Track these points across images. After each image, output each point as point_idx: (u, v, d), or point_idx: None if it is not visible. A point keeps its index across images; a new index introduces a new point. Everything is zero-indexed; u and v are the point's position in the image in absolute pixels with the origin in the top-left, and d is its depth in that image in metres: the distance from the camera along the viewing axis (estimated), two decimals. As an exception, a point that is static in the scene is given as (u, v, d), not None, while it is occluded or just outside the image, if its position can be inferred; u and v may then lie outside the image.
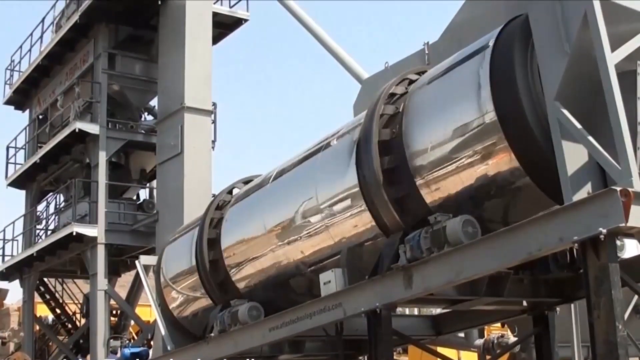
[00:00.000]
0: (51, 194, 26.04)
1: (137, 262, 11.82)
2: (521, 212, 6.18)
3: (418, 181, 6.70)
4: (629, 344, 6.08)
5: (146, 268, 11.68)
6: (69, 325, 26.10)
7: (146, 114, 24.14)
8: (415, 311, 16.00)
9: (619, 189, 4.93)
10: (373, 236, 7.30)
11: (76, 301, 26.52)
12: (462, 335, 12.41)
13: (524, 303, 7.74)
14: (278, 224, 8.44)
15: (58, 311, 26.27)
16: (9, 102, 26.98)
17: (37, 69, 24.64)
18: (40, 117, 25.61)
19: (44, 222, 26.00)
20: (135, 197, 23.98)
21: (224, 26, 21.93)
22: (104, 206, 20.78)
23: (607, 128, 5.33)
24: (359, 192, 7.19)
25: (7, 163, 25.83)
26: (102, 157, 20.97)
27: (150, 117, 23.90)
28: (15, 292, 59.29)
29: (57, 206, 25.43)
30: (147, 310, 21.90)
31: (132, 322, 24.51)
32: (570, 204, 5.33)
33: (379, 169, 6.90)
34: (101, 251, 20.61)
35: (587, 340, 5.37)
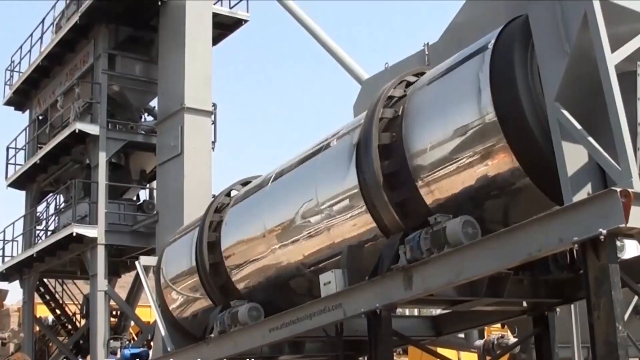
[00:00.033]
0: (51, 194, 26.03)
1: (137, 262, 11.82)
2: (521, 212, 6.18)
3: (418, 182, 6.70)
4: (629, 344, 6.07)
5: (146, 269, 11.68)
6: (69, 326, 26.09)
7: (146, 114, 24.14)
8: (415, 312, 16.05)
9: (619, 189, 4.93)
10: (373, 237, 7.30)
11: (76, 302, 26.50)
12: (462, 336, 12.40)
13: (524, 304, 7.73)
14: (278, 225, 8.44)
15: (58, 312, 26.25)
16: (9, 102, 26.98)
17: (37, 69, 24.64)
18: (40, 117, 25.61)
19: (44, 222, 26.00)
20: (135, 198, 23.98)
21: (224, 27, 21.92)
22: (104, 207, 20.78)
23: (607, 129, 5.33)
24: (359, 193, 7.19)
25: (7, 164, 25.86)
26: (102, 158, 20.97)
27: (150, 118, 23.91)
28: (15, 292, 59.19)
29: (57, 207, 25.43)
30: (147, 311, 21.89)
31: (132, 323, 24.49)
32: (570, 204, 5.33)
33: (379, 171, 6.90)
34: (101, 252, 20.60)
35: (587, 341, 5.36)
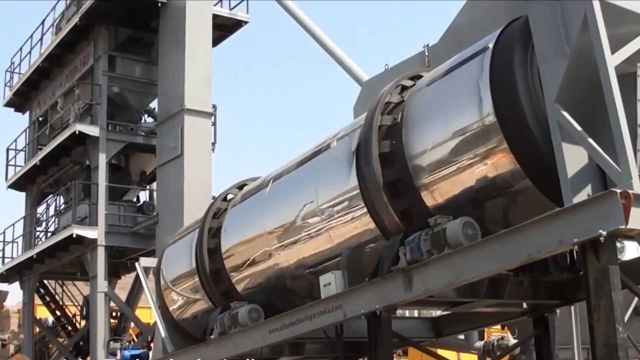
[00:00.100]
0: (51, 196, 26.03)
1: (137, 264, 11.81)
2: (521, 214, 6.18)
3: (418, 183, 6.70)
4: (629, 346, 6.08)
5: (146, 270, 11.67)
6: (69, 327, 26.09)
7: (146, 116, 24.15)
8: (415, 313, 16.06)
9: (619, 191, 4.93)
10: (373, 238, 7.30)
11: (76, 303, 26.49)
12: (462, 337, 12.40)
13: (524, 305, 7.73)
14: (278, 227, 8.43)
15: (58, 313, 26.25)
16: (9, 104, 26.98)
17: (37, 71, 24.65)
18: (40, 119, 25.61)
19: (44, 224, 26.00)
20: (135, 199, 24.00)
21: (224, 28, 21.92)
22: (104, 208, 20.77)
23: (607, 130, 5.33)
24: (359, 194, 7.19)
25: (7, 165, 25.89)
26: (102, 159, 20.97)
27: (150, 119, 23.93)
28: (15, 294, 59.28)
29: (57, 208, 25.44)
30: (147, 313, 21.89)
31: (132, 324, 24.49)
32: (570, 206, 5.32)
33: (379, 172, 6.90)
34: (101, 253, 20.60)
35: (587, 343, 5.36)
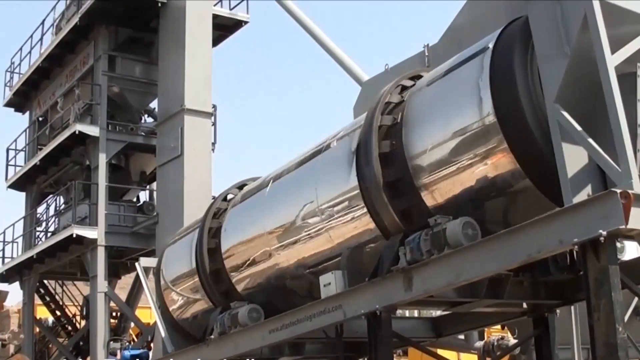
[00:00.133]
0: (51, 196, 26.04)
1: (137, 264, 11.81)
2: (521, 214, 6.18)
3: (418, 183, 6.70)
4: (629, 346, 6.08)
5: (146, 270, 11.67)
6: (69, 328, 26.09)
7: (146, 116, 24.16)
8: (415, 313, 16.06)
9: (619, 191, 4.93)
10: (373, 238, 7.30)
11: (76, 303, 26.50)
12: (462, 337, 12.40)
13: (524, 305, 7.73)
14: (278, 227, 8.43)
15: (58, 313, 26.25)
16: (9, 104, 26.98)
17: (37, 71, 24.65)
18: (40, 119, 25.62)
19: (44, 224, 26.00)
20: (135, 199, 24.00)
21: (224, 28, 21.92)
22: (104, 208, 20.77)
23: (607, 130, 5.33)
24: (359, 194, 7.19)
25: (7, 165, 25.89)
26: (102, 159, 20.97)
27: (150, 119, 23.93)
28: (15, 294, 59.29)
29: (57, 208, 25.44)
30: (147, 313, 21.89)
31: (132, 324, 24.49)
32: (570, 206, 5.32)
33: (379, 172, 6.90)
34: (101, 253, 20.60)
35: (587, 343, 5.36)
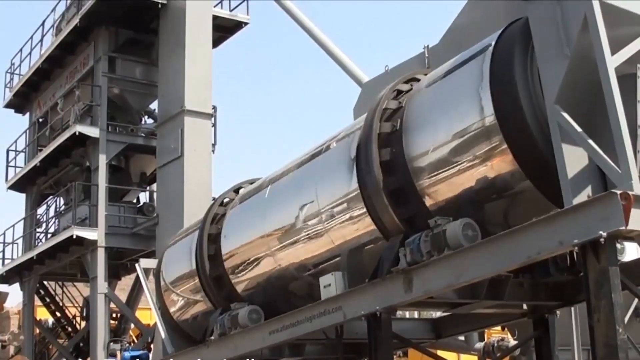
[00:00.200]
0: (51, 197, 26.05)
1: (137, 265, 11.81)
2: (521, 215, 6.18)
3: (418, 185, 6.70)
4: (629, 347, 6.07)
5: (146, 271, 11.67)
6: (69, 329, 26.09)
7: (146, 117, 24.17)
8: (416, 314, 16.04)
9: (619, 192, 4.93)
10: (373, 239, 7.30)
11: (76, 304, 26.51)
12: (462, 338, 12.41)
13: (524, 306, 7.72)
14: (278, 228, 8.43)
15: (58, 314, 26.25)
16: (9, 105, 27.01)
17: (37, 72, 24.66)
18: (41, 120, 25.63)
19: (44, 225, 26.02)
20: (135, 201, 24.02)
21: (224, 29, 21.94)
22: (104, 209, 20.79)
23: (607, 131, 5.33)
24: (359, 196, 7.19)
25: (7, 166, 25.89)
26: (102, 160, 20.98)
27: (150, 121, 23.94)
28: (15, 295, 59.23)
29: (57, 209, 25.46)
30: (147, 314, 21.90)
31: (132, 326, 24.49)
32: (571, 207, 5.32)
33: (379, 173, 6.90)
34: (101, 254, 20.60)
35: (588, 344, 5.35)
